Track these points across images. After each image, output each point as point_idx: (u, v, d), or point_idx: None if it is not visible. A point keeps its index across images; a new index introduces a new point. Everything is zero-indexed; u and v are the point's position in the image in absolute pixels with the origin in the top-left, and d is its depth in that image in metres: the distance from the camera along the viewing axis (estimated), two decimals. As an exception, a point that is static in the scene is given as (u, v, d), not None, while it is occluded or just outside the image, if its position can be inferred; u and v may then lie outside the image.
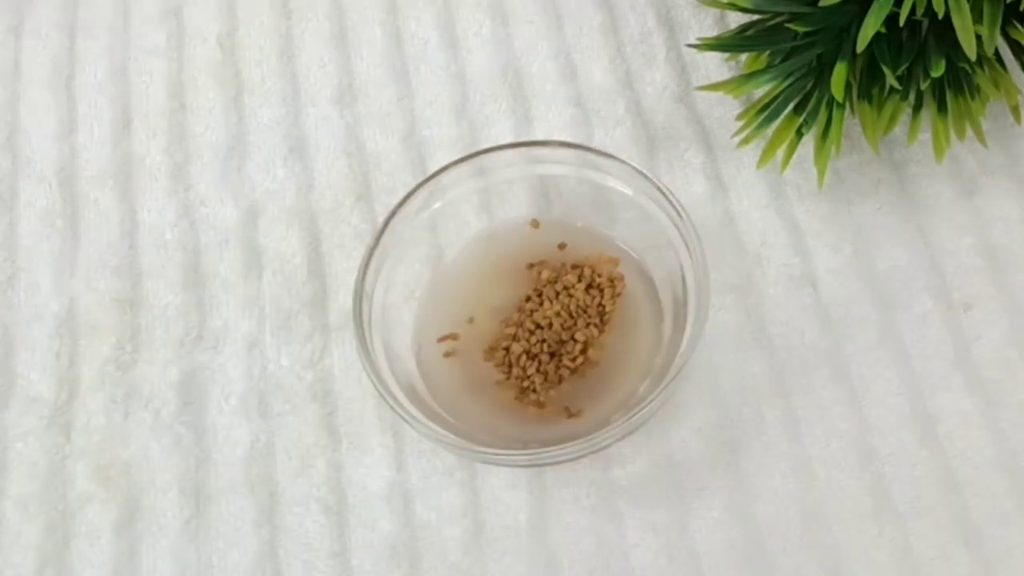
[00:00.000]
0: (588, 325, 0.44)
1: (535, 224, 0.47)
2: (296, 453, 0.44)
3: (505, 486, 0.43)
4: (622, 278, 0.45)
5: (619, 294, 0.45)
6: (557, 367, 0.44)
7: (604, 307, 0.44)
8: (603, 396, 0.43)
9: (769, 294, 0.46)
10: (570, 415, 0.43)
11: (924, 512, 0.42)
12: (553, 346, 0.44)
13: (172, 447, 0.44)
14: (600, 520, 0.43)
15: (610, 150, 0.45)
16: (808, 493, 0.43)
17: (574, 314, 0.44)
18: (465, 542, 0.43)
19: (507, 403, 0.44)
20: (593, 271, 0.45)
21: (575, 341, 0.44)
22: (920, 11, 0.40)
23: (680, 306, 0.44)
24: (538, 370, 0.44)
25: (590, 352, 0.44)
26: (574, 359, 0.43)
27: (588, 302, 0.44)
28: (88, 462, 0.44)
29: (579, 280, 0.45)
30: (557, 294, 0.45)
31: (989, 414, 0.44)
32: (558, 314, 0.44)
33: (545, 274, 0.45)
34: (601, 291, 0.45)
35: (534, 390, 0.43)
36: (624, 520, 0.43)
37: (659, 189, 0.43)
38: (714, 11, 0.53)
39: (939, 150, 0.45)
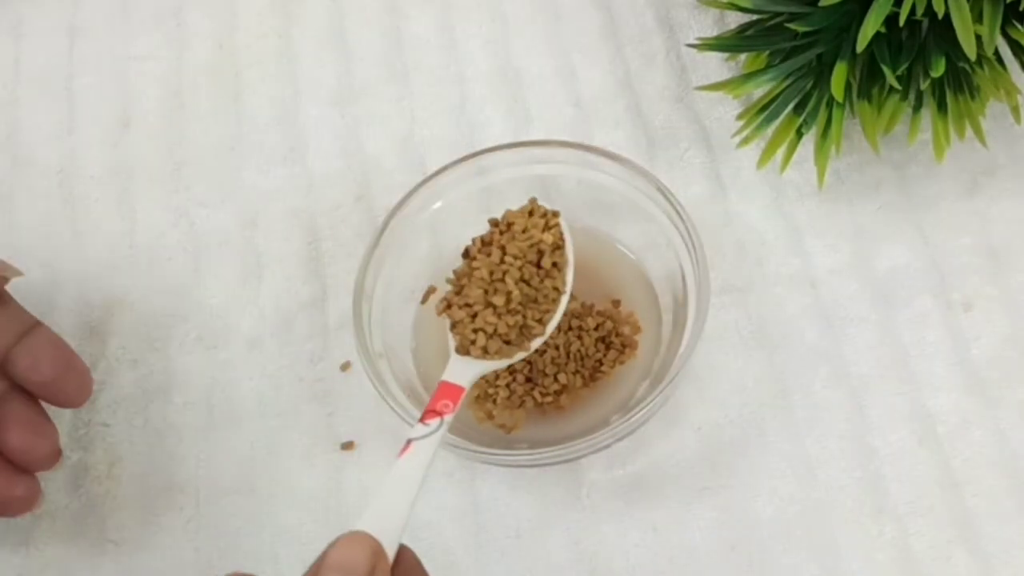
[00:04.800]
0: (576, 373, 0.43)
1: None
2: (296, 453, 0.44)
3: (505, 486, 0.43)
4: (635, 347, 0.44)
5: (622, 362, 0.44)
6: (525, 392, 0.43)
7: (601, 365, 0.43)
8: (550, 436, 0.42)
9: (769, 294, 0.46)
10: (507, 431, 0.43)
11: (924, 512, 0.42)
12: (534, 373, 0.43)
13: (172, 447, 0.44)
14: (600, 520, 0.43)
15: (610, 150, 0.45)
16: (808, 493, 0.43)
17: (571, 356, 0.43)
18: (465, 542, 0.43)
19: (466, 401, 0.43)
20: (614, 328, 0.44)
21: (556, 380, 0.43)
22: (920, 11, 0.40)
23: (680, 306, 0.44)
24: (507, 386, 0.43)
25: (563, 398, 0.43)
26: (544, 395, 0.43)
27: (590, 352, 0.44)
28: (88, 462, 0.44)
29: (596, 328, 0.44)
30: (570, 328, 0.44)
31: (989, 414, 0.44)
32: (557, 348, 0.43)
33: (573, 306, 0.44)
34: (607, 349, 0.44)
35: (494, 401, 0.43)
36: (624, 520, 0.43)
37: (659, 189, 0.43)
38: (714, 11, 0.53)
39: (939, 150, 0.45)
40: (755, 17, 0.47)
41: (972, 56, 0.40)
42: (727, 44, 0.47)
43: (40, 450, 0.38)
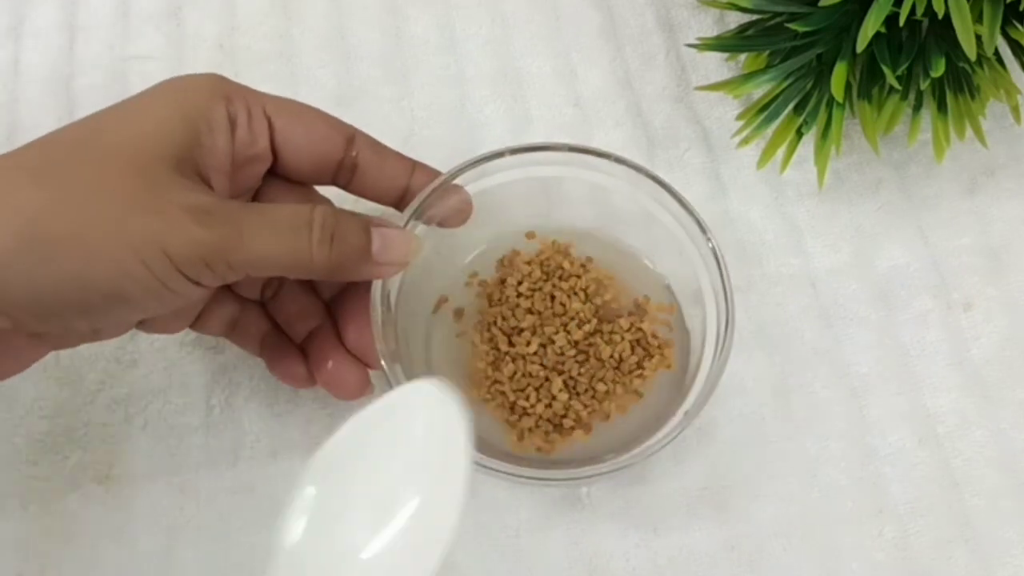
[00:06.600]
0: (616, 381, 0.42)
1: (530, 236, 0.46)
2: (296, 453, 0.44)
3: (505, 486, 0.43)
4: (672, 346, 0.43)
5: (667, 366, 0.43)
6: (564, 406, 0.42)
7: (643, 370, 0.42)
8: (575, 453, 0.42)
9: (769, 294, 0.46)
10: (519, 437, 0.42)
11: (924, 512, 0.42)
12: (575, 385, 0.42)
13: (172, 447, 0.44)
14: (600, 520, 0.43)
15: (623, 156, 0.43)
16: (808, 493, 0.43)
17: (606, 362, 0.42)
18: (465, 542, 0.43)
19: (491, 412, 0.43)
20: (649, 331, 0.43)
21: (595, 390, 0.42)
22: (920, 11, 0.40)
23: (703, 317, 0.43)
24: (548, 405, 0.42)
25: (606, 405, 0.42)
26: (586, 406, 0.42)
27: (626, 356, 0.42)
28: (88, 462, 0.44)
29: (628, 330, 0.43)
30: (599, 331, 0.43)
31: (989, 414, 0.44)
32: (597, 358, 0.43)
33: (601, 312, 0.44)
34: (648, 356, 0.43)
35: (529, 422, 0.42)
36: (624, 520, 0.43)
37: (680, 202, 0.42)
38: (714, 11, 0.53)
39: (939, 150, 0.45)
40: (755, 17, 0.47)
41: (972, 56, 0.40)
42: (727, 44, 0.47)
43: (372, 347, 0.41)
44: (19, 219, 0.33)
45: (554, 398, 0.42)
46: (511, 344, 0.43)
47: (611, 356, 0.43)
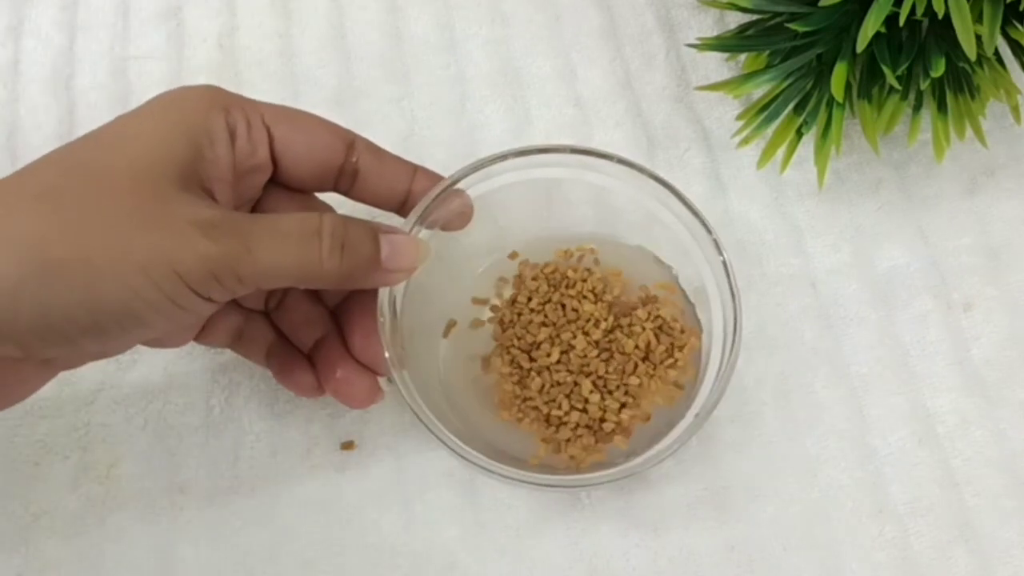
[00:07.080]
0: (650, 376, 0.42)
1: (512, 256, 0.46)
2: (296, 453, 0.44)
3: (505, 486, 0.43)
4: (696, 334, 0.43)
5: (694, 348, 0.42)
6: (598, 408, 0.41)
7: (675, 360, 0.42)
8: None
9: (769, 294, 0.46)
10: (556, 451, 0.42)
11: (924, 512, 0.42)
12: (605, 383, 0.42)
13: (172, 447, 0.44)
14: (600, 520, 0.43)
15: (630, 158, 0.43)
16: (808, 493, 0.43)
17: (632, 355, 0.42)
18: (465, 542, 0.43)
19: (522, 424, 0.42)
20: (670, 318, 0.43)
21: (626, 385, 0.42)
22: (920, 11, 0.40)
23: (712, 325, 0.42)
24: (583, 409, 0.42)
25: (645, 403, 0.42)
26: (623, 405, 0.42)
27: (653, 346, 0.42)
28: (88, 462, 0.44)
29: (648, 319, 0.43)
30: (619, 326, 0.43)
31: (989, 414, 0.44)
32: (622, 351, 0.42)
33: (616, 308, 0.43)
34: (678, 349, 0.42)
35: (566, 435, 0.41)
36: (624, 520, 0.43)
37: (686, 204, 0.42)
38: (714, 11, 0.53)
39: (939, 150, 0.45)
40: (755, 17, 0.47)
41: (972, 56, 0.40)
42: (727, 44, 0.47)
43: (379, 355, 0.40)
44: (24, 246, 0.33)
45: (587, 400, 0.42)
46: (532, 359, 0.43)
47: (636, 348, 0.42)
